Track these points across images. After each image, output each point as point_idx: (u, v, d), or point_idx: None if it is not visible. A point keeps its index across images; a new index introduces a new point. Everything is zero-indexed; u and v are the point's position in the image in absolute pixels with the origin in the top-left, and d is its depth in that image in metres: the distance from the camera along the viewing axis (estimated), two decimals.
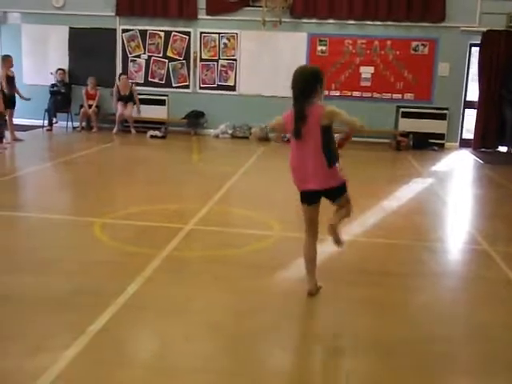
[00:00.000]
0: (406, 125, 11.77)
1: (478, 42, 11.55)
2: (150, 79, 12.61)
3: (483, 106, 11.66)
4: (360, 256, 4.93)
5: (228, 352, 3.22)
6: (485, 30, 11.41)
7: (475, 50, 11.78)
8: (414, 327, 3.59)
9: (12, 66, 10.67)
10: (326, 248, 5.04)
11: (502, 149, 11.67)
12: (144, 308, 3.65)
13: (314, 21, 11.97)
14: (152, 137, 11.71)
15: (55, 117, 12.41)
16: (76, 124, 12.47)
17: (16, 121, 10.99)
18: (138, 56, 12.59)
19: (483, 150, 11.60)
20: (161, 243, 4.87)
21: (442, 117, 11.78)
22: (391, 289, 4.21)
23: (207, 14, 12.17)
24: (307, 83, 3.70)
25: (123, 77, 12.26)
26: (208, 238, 5.25)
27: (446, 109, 11.78)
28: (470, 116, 12.05)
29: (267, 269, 4.46)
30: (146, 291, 3.89)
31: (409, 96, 11.99)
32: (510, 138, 11.39)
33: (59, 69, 12.55)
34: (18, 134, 10.63)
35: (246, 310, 3.71)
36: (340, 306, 3.83)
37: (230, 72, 12.41)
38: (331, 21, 11.93)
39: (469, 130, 12.13)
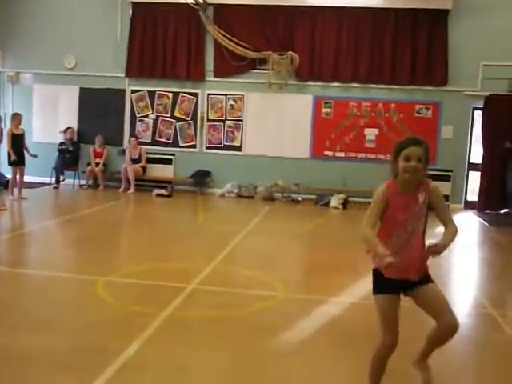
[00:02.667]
0: None
1: (481, 106, 11.75)
2: (157, 139, 12.82)
3: (487, 169, 11.73)
4: (366, 318, 4.85)
5: None
6: (487, 94, 11.63)
7: (478, 114, 11.97)
8: None
9: (20, 123, 10.80)
10: (328, 307, 5.01)
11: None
12: (144, 368, 3.58)
13: (319, 83, 12.24)
14: (158, 195, 11.79)
15: (63, 174, 12.56)
16: (83, 182, 12.60)
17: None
18: (146, 116, 12.84)
19: (488, 212, 11.59)
20: (163, 303, 4.83)
21: (446, 178, 11.84)
22: (399, 354, 4.12)
23: (215, 76, 12.48)
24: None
25: (133, 139, 12.48)
26: (211, 298, 5.20)
27: (450, 171, 11.86)
28: (475, 178, 12.11)
29: (270, 330, 4.40)
30: (146, 351, 3.83)
31: None
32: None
33: (68, 127, 12.79)
34: (23, 192, 10.64)
35: (247, 372, 3.64)
36: (347, 369, 3.75)
37: (236, 132, 12.60)
38: (336, 83, 12.19)
39: (473, 192, 12.16)
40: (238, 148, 12.61)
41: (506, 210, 11.57)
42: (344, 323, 4.68)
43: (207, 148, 12.71)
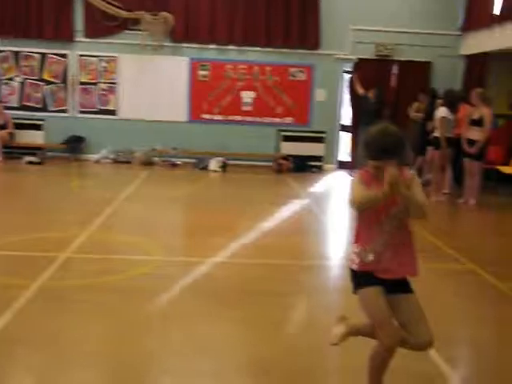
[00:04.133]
0: (287, 148, 12.14)
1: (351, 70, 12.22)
2: (24, 103, 12.09)
3: (356, 130, 12.26)
4: (240, 277, 4.99)
5: (108, 381, 3.12)
6: (355, 58, 12.08)
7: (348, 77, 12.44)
8: (290, 342, 3.68)
9: None
10: (205, 268, 5.08)
11: None
12: (16, 341, 3.45)
13: (194, 45, 12.09)
14: (28, 163, 11.19)
15: None
16: None
17: None
18: (11, 78, 12.04)
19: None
20: (35, 273, 4.64)
21: (320, 140, 12.29)
22: (269, 307, 4.29)
23: (85, 36, 11.92)
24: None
25: None
26: (86, 266, 5.08)
27: (324, 132, 12.31)
28: (346, 139, 12.67)
29: (148, 295, 4.38)
30: (17, 324, 3.68)
31: (288, 120, 12.40)
32: None
33: None
34: None
35: (126, 336, 3.62)
36: (219, 327, 3.84)
37: (110, 96, 12.19)
38: (212, 46, 12.11)
39: (346, 152, 12.73)
40: (113, 112, 12.22)
41: None
42: (221, 283, 4.77)
43: (80, 112, 12.19)
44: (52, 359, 3.27)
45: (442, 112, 9.21)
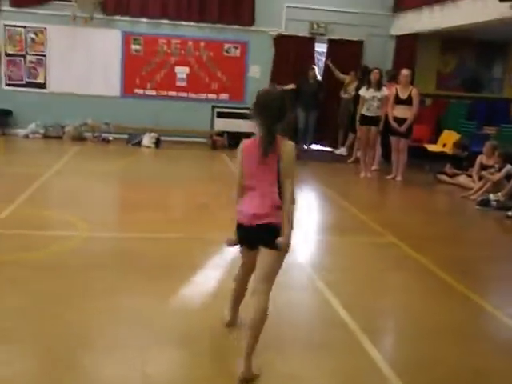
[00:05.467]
0: (222, 124, 12.11)
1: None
2: None
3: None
4: (167, 251, 4.99)
5: (24, 357, 3.09)
6: (275, 34, 12.10)
7: None
8: (219, 315, 3.74)
9: None
10: (131, 244, 5.06)
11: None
12: None
13: (127, 18, 11.82)
14: None
15: None
16: None
17: None
18: None
19: None
20: None
21: None
22: (196, 281, 4.33)
23: (11, 5, 11.44)
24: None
25: None
26: (6, 242, 4.95)
27: None
28: None
29: (70, 269, 4.34)
30: None
31: (223, 96, 12.37)
32: (302, 137, 12.05)
33: None
34: None
35: (46, 312, 3.57)
36: (144, 301, 3.85)
37: (39, 68, 11.79)
38: (144, 19, 11.87)
39: None
40: (42, 85, 11.83)
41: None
42: (147, 259, 4.75)
43: (7, 85, 11.75)
44: None
45: (361, 91, 9.49)
